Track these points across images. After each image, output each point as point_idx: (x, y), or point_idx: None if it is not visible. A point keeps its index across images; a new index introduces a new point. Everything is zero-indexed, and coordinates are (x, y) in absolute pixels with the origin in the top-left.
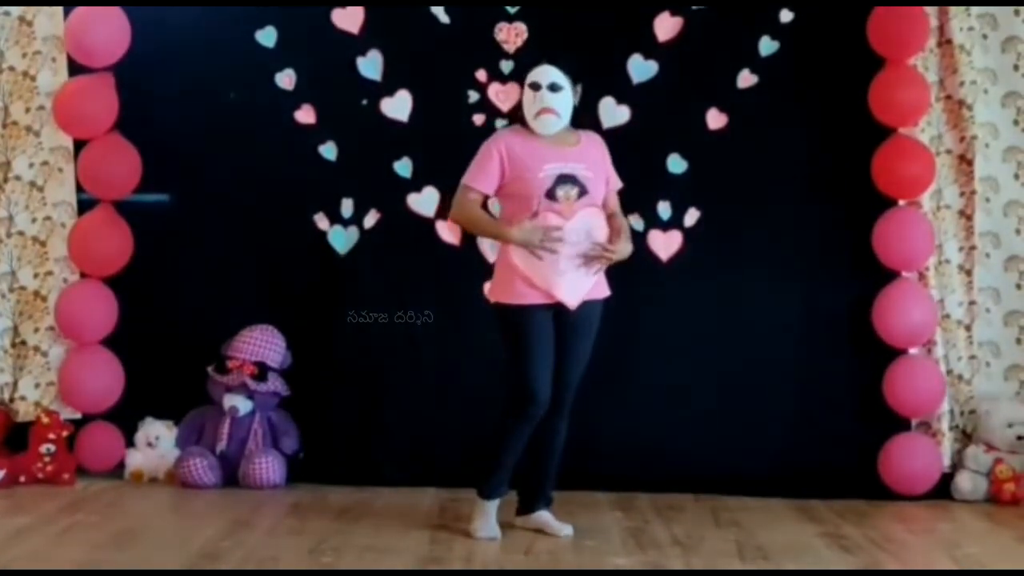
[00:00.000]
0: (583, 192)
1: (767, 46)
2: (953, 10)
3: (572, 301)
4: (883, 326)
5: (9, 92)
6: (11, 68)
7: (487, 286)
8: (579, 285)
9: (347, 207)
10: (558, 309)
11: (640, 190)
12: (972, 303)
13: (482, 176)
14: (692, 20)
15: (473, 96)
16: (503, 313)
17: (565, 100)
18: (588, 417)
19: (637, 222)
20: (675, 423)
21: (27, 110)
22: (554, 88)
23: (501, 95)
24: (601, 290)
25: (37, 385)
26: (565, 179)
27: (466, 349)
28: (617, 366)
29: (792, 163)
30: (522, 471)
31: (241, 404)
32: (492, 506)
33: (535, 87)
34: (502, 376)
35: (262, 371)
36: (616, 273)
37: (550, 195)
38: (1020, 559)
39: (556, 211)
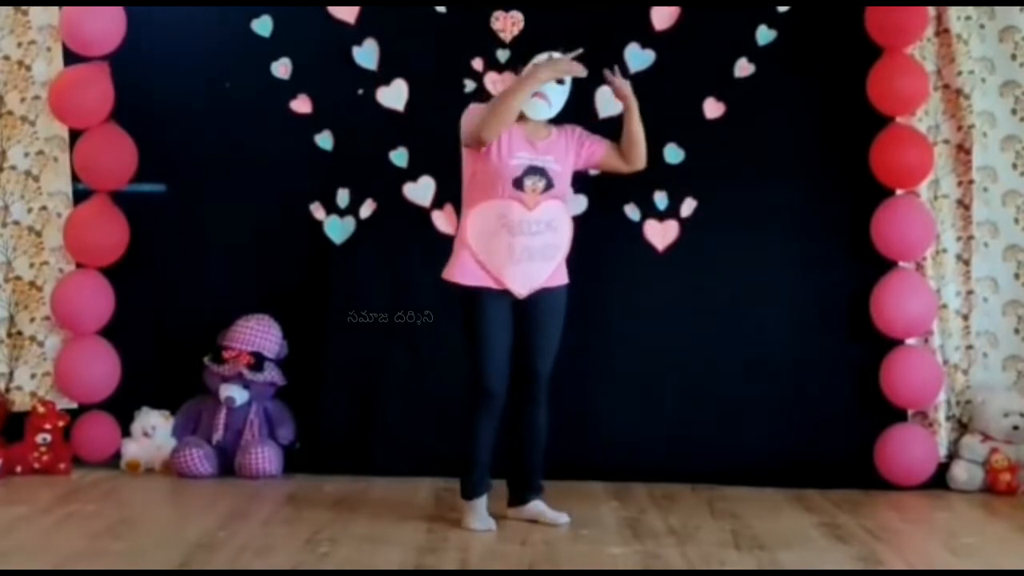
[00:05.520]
0: (549, 185)
1: (764, 35)
2: None
3: (521, 290)
4: (881, 316)
5: (4, 81)
6: (6, 57)
7: None
8: (532, 275)
9: (343, 197)
10: (516, 299)
11: (636, 180)
12: (970, 293)
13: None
14: (689, 9)
15: (469, 85)
16: (457, 294)
17: (562, 94)
18: (584, 407)
19: (633, 212)
20: (671, 413)
21: (22, 99)
22: (559, 80)
23: (498, 84)
24: (560, 278)
25: (33, 375)
26: (534, 171)
27: (462, 338)
28: (613, 356)
29: (789, 152)
30: (508, 464)
31: (237, 394)
32: (479, 503)
33: None
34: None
35: (258, 361)
36: (611, 262)
37: (518, 184)
38: (1016, 548)
39: (521, 200)
